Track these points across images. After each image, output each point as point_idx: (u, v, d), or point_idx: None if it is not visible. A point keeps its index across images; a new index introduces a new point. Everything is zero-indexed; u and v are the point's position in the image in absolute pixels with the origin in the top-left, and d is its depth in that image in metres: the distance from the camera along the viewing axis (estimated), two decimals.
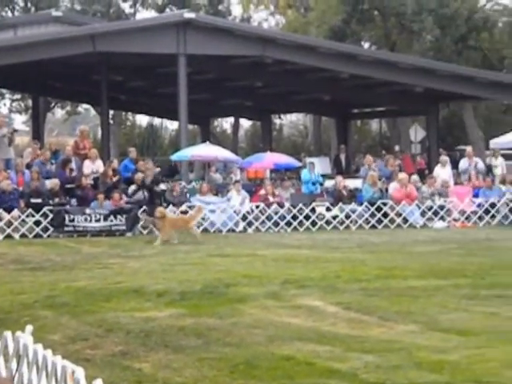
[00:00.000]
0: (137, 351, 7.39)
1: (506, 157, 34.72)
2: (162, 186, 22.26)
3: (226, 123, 58.76)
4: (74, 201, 21.29)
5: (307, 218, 21.78)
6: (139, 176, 21.88)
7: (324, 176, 26.10)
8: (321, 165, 28.83)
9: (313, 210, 21.99)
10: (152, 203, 20.74)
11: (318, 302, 9.73)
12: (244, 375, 6.53)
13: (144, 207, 20.61)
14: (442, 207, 22.47)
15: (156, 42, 24.01)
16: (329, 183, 24.97)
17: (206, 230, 21.12)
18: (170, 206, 21.30)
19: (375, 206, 22.11)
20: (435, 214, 22.34)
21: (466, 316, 8.72)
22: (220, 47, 24.81)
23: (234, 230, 21.26)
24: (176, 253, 15.77)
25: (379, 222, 22.01)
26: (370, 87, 29.99)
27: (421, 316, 8.72)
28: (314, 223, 21.78)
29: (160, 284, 11.25)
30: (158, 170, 25.41)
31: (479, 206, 22.66)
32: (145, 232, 20.63)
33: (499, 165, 25.66)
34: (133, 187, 21.74)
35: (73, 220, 20.07)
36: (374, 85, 29.36)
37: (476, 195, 23.25)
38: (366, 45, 43.71)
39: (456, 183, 24.80)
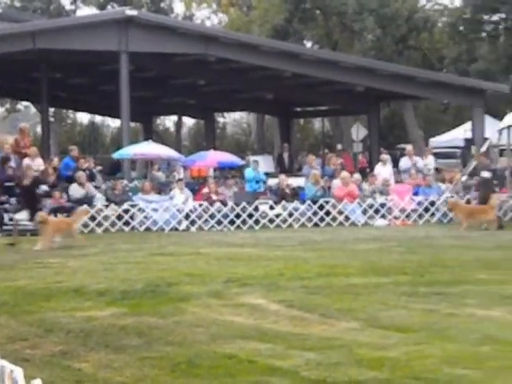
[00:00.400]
0: (77, 351, 7.32)
1: (445, 155, 35.30)
2: (44, 187, 21.26)
3: (168, 121, 58.59)
4: (13, 199, 20.97)
5: (250, 216, 21.83)
6: (80, 174, 21.67)
7: (267, 174, 26.18)
8: (264, 163, 28.91)
9: (256, 209, 22.05)
10: (32, 206, 19.49)
11: (260, 300, 9.76)
12: (185, 374, 6.52)
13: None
14: (382, 205, 22.72)
15: (97, 39, 23.79)
16: (272, 182, 25.05)
17: (148, 229, 21.03)
18: (112, 204, 21.15)
19: (318, 205, 22.25)
20: (376, 212, 22.58)
21: (406, 313, 8.83)
22: (162, 45, 24.69)
23: (176, 229, 21.20)
24: (118, 251, 15.66)
25: (321, 220, 22.16)
26: (312, 86, 30.17)
27: (361, 313, 8.80)
28: (257, 221, 21.84)
29: (101, 283, 11.16)
30: (100, 168, 25.23)
31: (419, 204, 22.97)
32: (86, 231, 20.44)
33: (429, 163, 25.92)
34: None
35: (12, 219, 19.75)
36: (316, 84, 29.54)
37: (416, 193, 23.56)
38: (309, 44, 43.98)
39: (396, 181, 25.10)
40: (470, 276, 11.42)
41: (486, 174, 20.92)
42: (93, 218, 20.78)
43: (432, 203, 22.85)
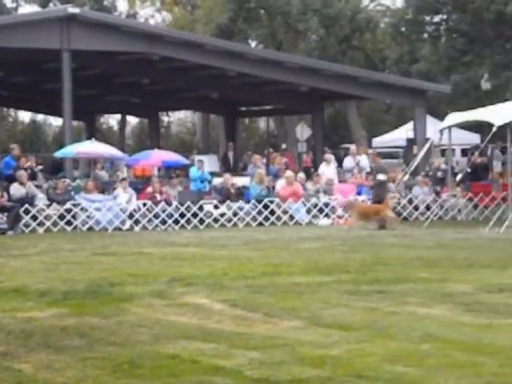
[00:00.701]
0: (17, 352, 7.22)
1: (388, 155, 35.70)
2: None
3: (112, 120, 58.18)
4: None
5: (195, 215, 21.77)
6: (21, 173, 21.36)
7: (212, 174, 26.15)
8: (209, 162, 28.88)
9: (200, 208, 21.99)
10: None
11: (204, 300, 9.74)
12: (127, 374, 6.47)
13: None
14: (326, 204, 22.86)
15: (39, 37, 23.48)
16: (217, 181, 25.03)
17: (91, 229, 20.82)
18: (54, 204, 20.90)
19: (262, 204, 22.30)
20: (320, 211, 22.71)
21: (348, 311, 8.89)
22: (105, 43, 24.50)
23: (120, 229, 21.04)
24: (60, 251, 15.48)
25: (266, 219, 22.21)
26: (257, 85, 30.24)
27: (305, 312, 8.85)
28: (201, 221, 21.79)
29: (42, 283, 11.02)
30: (41, 167, 24.95)
31: (362, 203, 23.13)
32: (27, 230, 20.20)
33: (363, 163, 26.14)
34: None
35: None
36: (261, 83, 29.61)
37: (359, 193, 23.75)
38: (253, 43, 44.08)
39: (340, 181, 25.28)
40: (412, 274, 11.57)
41: (381, 177, 21.36)
42: (34, 218, 20.51)
43: None
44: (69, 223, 20.79)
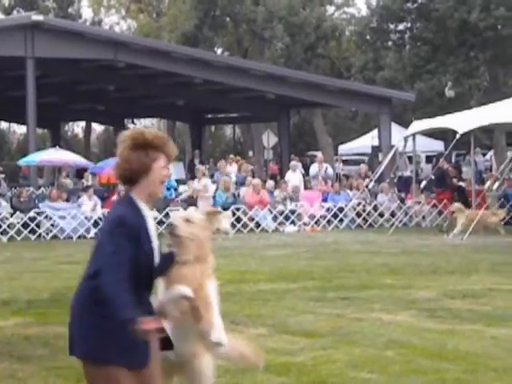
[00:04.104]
0: None
1: (353, 162, 35.88)
2: None
3: (77, 127, 57.82)
4: None
5: (161, 223, 21.64)
6: None
7: (178, 181, 26.07)
8: (175, 170, 28.79)
9: (167, 215, 21.89)
10: None
11: None
12: None
13: None
14: (292, 212, 22.90)
15: (3, 44, 23.26)
16: (183, 188, 24.96)
17: (55, 237, 20.65)
18: (17, 212, 20.71)
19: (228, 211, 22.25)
20: (286, 218, 22.75)
21: (313, 318, 8.92)
22: (70, 50, 24.34)
23: (85, 237, 20.87)
24: (23, 260, 15.34)
25: (232, 226, 22.16)
26: (223, 93, 30.24)
27: (270, 319, 8.85)
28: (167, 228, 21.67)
29: (6, 292, 10.92)
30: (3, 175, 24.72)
31: (328, 210, 23.25)
32: None
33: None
34: None
35: None
36: (227, 90, 29.61)
37: (325, 200, 23.83)
38: (219, 51, 44.07)
39: (306, 188, 25.35)
40: (376, 281, 11.63)
41: None
42: None
43: (340, 209, 23.16)
44: (33, 232, 20.59)
